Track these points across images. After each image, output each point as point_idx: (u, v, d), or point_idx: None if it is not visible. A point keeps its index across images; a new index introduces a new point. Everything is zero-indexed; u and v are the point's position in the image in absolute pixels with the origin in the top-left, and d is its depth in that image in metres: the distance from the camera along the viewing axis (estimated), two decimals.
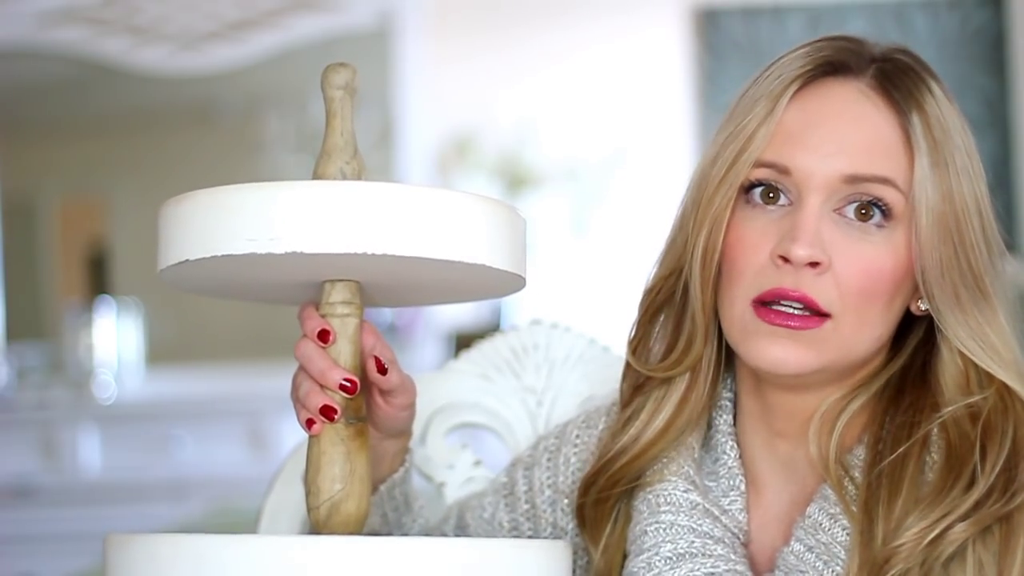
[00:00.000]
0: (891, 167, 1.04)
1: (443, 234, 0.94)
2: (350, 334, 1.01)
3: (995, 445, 1.03)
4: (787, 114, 1.05)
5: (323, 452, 1.00)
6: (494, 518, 1.23)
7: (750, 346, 1.05)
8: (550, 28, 4.46)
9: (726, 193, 1.06)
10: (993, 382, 1.05)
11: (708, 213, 1.07)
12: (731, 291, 1.06)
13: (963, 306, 1.05)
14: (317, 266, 0.97)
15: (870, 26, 4.39)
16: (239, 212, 0.93)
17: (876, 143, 1.04)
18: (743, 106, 1.08)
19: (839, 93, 1.06)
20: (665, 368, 1.11)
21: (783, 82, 1.06)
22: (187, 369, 4.51)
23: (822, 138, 1.04)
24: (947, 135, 1.05)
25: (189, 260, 0.95)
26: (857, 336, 1.05)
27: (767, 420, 1.11)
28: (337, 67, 1.02)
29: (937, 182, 1.03)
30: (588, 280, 4.27)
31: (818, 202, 1.03)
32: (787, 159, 1.04)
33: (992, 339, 1.05)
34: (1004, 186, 4.38)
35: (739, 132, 1.06)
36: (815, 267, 1.02)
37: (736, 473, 1.11)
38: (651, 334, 1.13)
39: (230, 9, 4.55)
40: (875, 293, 1.04)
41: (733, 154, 1.06)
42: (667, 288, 1.11)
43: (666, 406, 1.11)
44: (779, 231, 1.04)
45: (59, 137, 4.77)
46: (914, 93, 1.05)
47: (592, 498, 1.14)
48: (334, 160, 1.01)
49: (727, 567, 1.07)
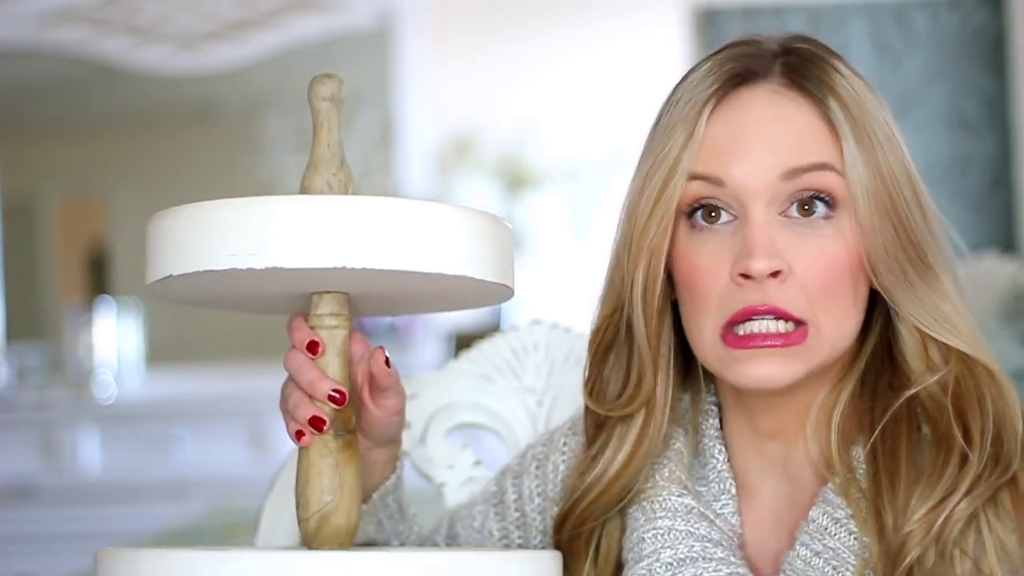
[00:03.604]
0: (824, 152, 1.04)
1: (424, 247, 0.94)
2: (338, 346, 1.02)
3: (975, 413, 1.03)
4: (708, 132, 1.05)
5: (312, 464, 1.01)
6: (484, 527, 1.23)
7: (732, 371, 1.04)
8: (550, 28, 4.46)
9: (660, 222, 1.05)
10: (951, 352, 1.04)
11: (644, 245, 1.06)
12: (698, 320, 1.06)
13: (911, 281, 1.04)
14: (301, 280, 0.97)
15: (870, 26, 4.39)
16: (219, 228, 0.93)
17: (802, 135, 1.04)
18: (661, 134, 1.08)
19: (753, 100, 1.06)
20: (620, 407, 1.10)
21: (696, 104, 1.06)
22: (187, 369, 4.51)
23: (750, 144, 1.04)
24: (864, 111, 1.05)
25: (173, 275, 0.95)
26: (837, 333, 1.04)
27: (752, 423, 1.11)
28: (323, 78, 1.02)
29: (866, 160, 1.04)
30: (588, 280, 4.27)
31: (762, 209, 1.03)
32: (718, 170, 1.04)
33: (943, 309, 1.05)
34: (1004, 186, 4.38)
35: (662, 160, 1.06)
36: (776, 276, 1.02)
37: (725, 477, 1.11)
38: (604, 373, 1.12)
39: (230, 9, 4.56)
40: (839, 286, 1.04)
41: (660, 181, 1.06)
42: (612, 326, 1.11)
43: (626, 442, 1.11)
44: (732, 249, 1.04)
45: (59, 137, 4.77)
46: (824, 79, 1.06)
47: (566, 535, 1.14)
48: (321, 172, 1.01)
49: (729, 570, 1.06)
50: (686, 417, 1.14)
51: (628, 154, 4.66)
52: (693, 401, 1.14)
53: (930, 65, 4.33)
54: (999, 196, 4.38)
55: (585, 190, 4.30)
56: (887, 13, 4.40)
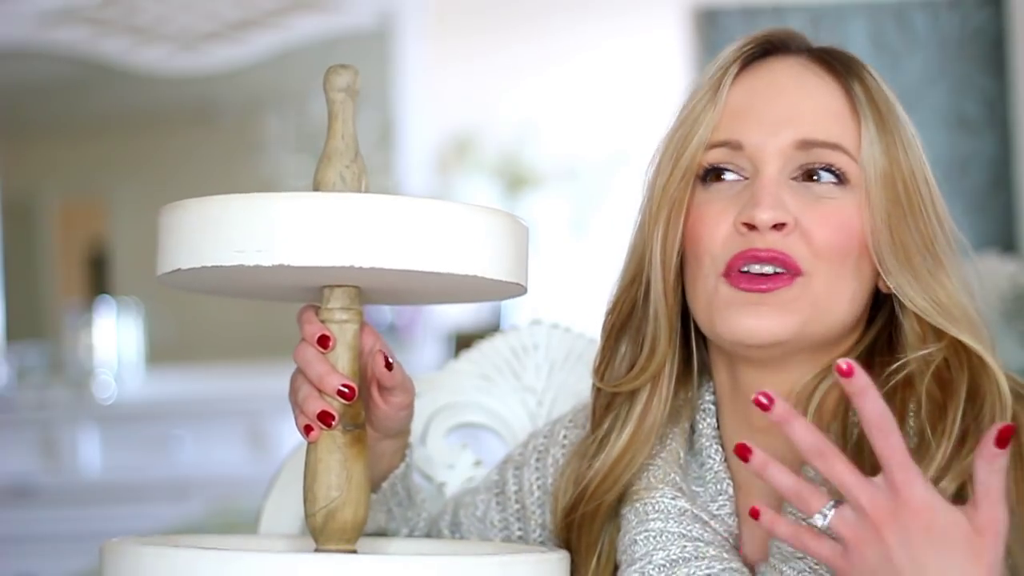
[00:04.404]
0: (840, 133, 1.05)
1: (433, 246, 0.94)
2: (349, 340, 1.01)
3: (953, 399, 1.02)
4: (732, 95, 1.07)
5: (320, 459, 1.00)
6: (486, 516, 1.23)
7: (721, 320, 1.04)
8: (550, 28, 4.46)
9: (680, 179, 1.07)
10: (945, 338, 1.05)
11: (664, 201, 1.08)
12: (699, 271, 1.06)
13: (914, 268, 1.05)
14: (310, 275, 0.97)
15: (870, 26, 4.39)
16: (227, 224, 0.93)
17: (824, 110, 1.06)
18: (687, 101, 1.10)
19: (781, 68, 1.08)
20: (630, 380, 1.11)
21: (722, 66, 1.08)
22: (187, 369, 4.51)
23: (771, 110, 1.06)
24: (891, 109, 1.07)
25: (181, 269, 0.95)
26: (830, 294, 1.04)
27: (748, 419, 1.10)
28: (339, 69, 1.01)
29: (884, 147, 1.05)
30: (588, 280, 4.27)
31: (775, 170, 1.04)
32: (738, 135, 1.06)
33: (943, 299, 1.05)
34: (1004, 186, 4.38)
35: (684, 120, 1.08)
36: (781, 228, 1.03)
37: (723, 477, 1.11)
38: (615, 357, 1.13)
39: (230, 9, 4.55)
40: (847, 249, 1.04)
41: (681, 139, 1.08)
42: (629, 299, 1.11)
43: (632, 417, 1.11)
44: (739, 203, 1.05)
45: (59, 137, 4.77)
46: (852, 67, 1.08)
47: (576, 521, 1.14)
48: (334, 164, 1.00)
49: (723, 566, 1.06)
50: (682, 416, 1.14)
51: (628, 154, 4.64)
52: (689, 400, 1.14)
53: (930, 65, 4.33)
54: (999, 196, 4.38)
55: (585, 190, 4.30)
56: (887, 13, 4.40)
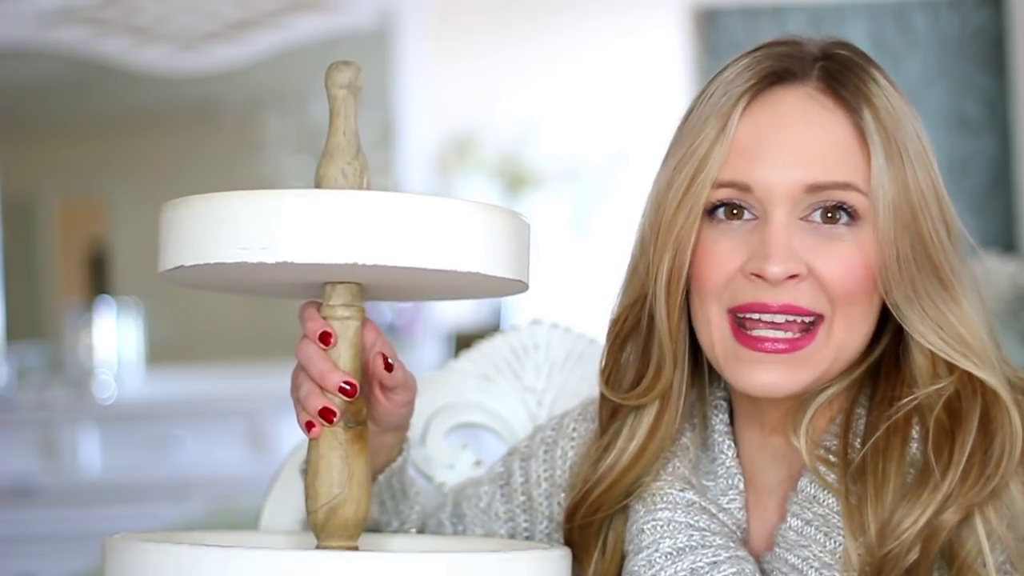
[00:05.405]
0: (850, 171, 1.04)
1: (435, 243, 0.94)
2: (350, 337, 1.01)
3: (962, 430, 1.02)
4: (739, 130, 1.05)
5: (321, 456, 1.00)
6: (490, 508, 1.23)
7: (736, 373, 1.05)
8: (550, 28, 4.46)
9: (687, 216, 1.05)
10: (957, 370, 1.04)
11: (670, 237, 1.06)
12: (705, 308, 1.06)
13: (921, 298, 1.04)
14: (312, 272, 0.97)
15: (870, 26, 4.39)
16: (230, 221, 0.93)
17: (832, 148, 1.04)
18: (692, 127, 1.07)
19: (788, 101, 1.06)
20: (636, 396, 1.10)
21: (730, 99, 1.06)
22: (187, 369, 4.51)
23: (778, 150, 1.04)
24: (898, 125, 1.05)
25: (183, 266, 0.95)
26: (848, 338, 1.05)
27: (760, 418, 1.11)
28: (340, 65, 1.01)
29: (893, 175, 1.04)
30: (588, 280, 4.27)
31: (784, 214, 1.03)
32: (746, 175, 1.04)
33: (955, 327, 1.05)
34: (1004, 186, 4.38)
35: (692, 153, 1.06)
36: (794, 279, 1.02)
37: (734, 472, 1.11)
38: (621, 361, 1.12)
39: (230, 9, 4.55)
40: (857, 291, 1.04)
41: (689, 176, 1.05)
42: (632, 316, 1.11)
43: (639, 432, 1.11)
44: (749, 247, 1.04)
45: (59, 137, 4.77)
46: (861, 88, 1.05)
47: (577, 523, 1.14)
48: (336, 160, 1.00)
49: (728, 555, 1.07)
50: (694, 411, 1.14)
51: (628, 154, 4.64)
52: (702, 395, 1.14)
53: (930, 65, 4.33)
54: (999, 196, 4.38)
55: (585, 190, 4.30)
56: (887, 13, 4.40)
